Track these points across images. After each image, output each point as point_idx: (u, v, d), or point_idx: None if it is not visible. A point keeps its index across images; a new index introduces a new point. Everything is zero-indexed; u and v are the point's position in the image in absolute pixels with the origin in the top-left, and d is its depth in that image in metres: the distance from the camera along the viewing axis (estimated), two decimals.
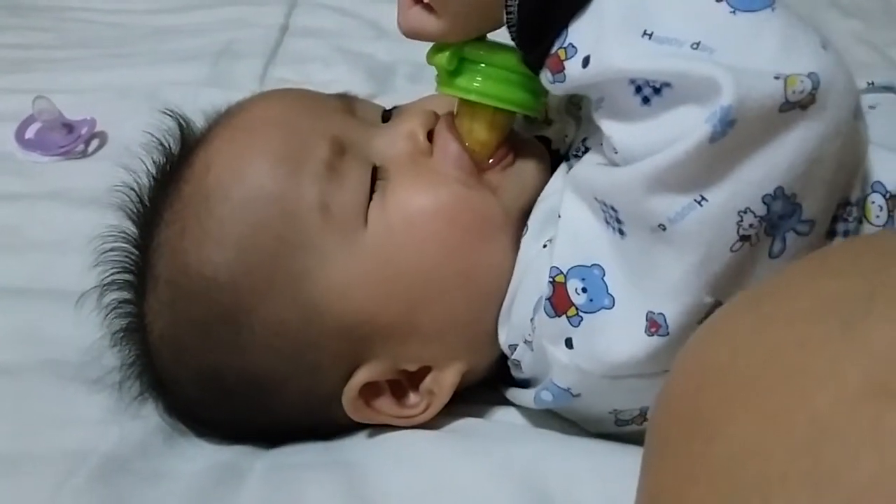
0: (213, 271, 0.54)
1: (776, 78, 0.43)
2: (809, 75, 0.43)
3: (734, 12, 0.45)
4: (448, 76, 0.55)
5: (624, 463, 0.48)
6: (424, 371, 0.58)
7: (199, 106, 0.96)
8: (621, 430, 0.56)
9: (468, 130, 0.57)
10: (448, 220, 0.56)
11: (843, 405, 0.29)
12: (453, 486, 0.53)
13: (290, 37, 1.17)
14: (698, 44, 0.45)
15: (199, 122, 0.65)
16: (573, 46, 0.48)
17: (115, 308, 0.60)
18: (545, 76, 0.51)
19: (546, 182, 0.58)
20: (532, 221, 0.57)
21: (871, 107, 0.58)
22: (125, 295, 0.60)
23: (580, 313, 0.50)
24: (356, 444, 0.58)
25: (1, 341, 0.65)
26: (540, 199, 0.57)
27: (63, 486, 0.53)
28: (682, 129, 0.43)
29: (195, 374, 0.57)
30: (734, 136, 0.43)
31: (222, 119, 0.61)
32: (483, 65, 0.55)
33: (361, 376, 0.56)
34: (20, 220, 0.80)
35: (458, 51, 0.54)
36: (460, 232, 0.56)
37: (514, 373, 0.59)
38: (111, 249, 0.60)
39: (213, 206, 0.55)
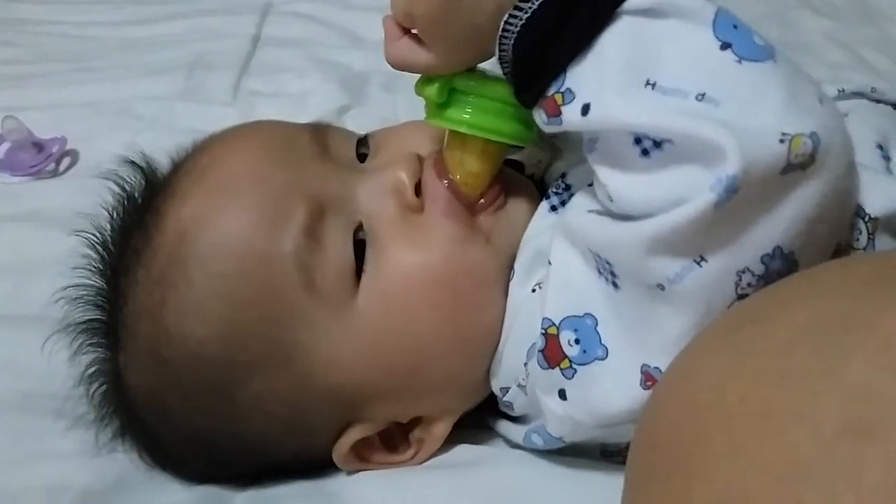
0: (199, 346, 0.53)
1: (781, 141, 0.42)
2: (811, 136, 0.42)
3: (740, 62, 0.44)
4: (437, 108, 0.54)
5: (606, 487, 0.48)
6: (415, 421, 0.57)
7: (174, 121, 0.96)
8: (607, 460, 0.56)
9: (458, 163, 0.55)
10: (445, 286, 0.54)
11: (820, 444, 0.29)
12: None
13: (263, 47, 1.16)
14: (703, 95, 0.43)
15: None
16: (571, 92, 0.46)
17: (90, 366, 0.58)
18: (539, 116, 0.49)
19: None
20: (518, 265, 0.55)
21: (844, 115, 0.58)
22: (98, 344, 0.58)
23: (574, 365, 0.49)
24: (339, 475, 0.58)
25: None
26: (524, 241, 0.56)
27: None
28: (684, 191, 0.43)
29: (180, 433, 0.55)
30: (737, 201, 0.42)
31: (192, 170, 0.57)
32: (473, 96, 0.53)
33: (353, 435, 0.55)
34: None
35: (447, 83, 0.53)
36: (458, 296, 0.54)
37: (504, 410, 0.58)
38: (80, 297, 0.58)
39: (193, 281, 0.53)
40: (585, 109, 0.45)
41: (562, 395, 0.50)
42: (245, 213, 0.53)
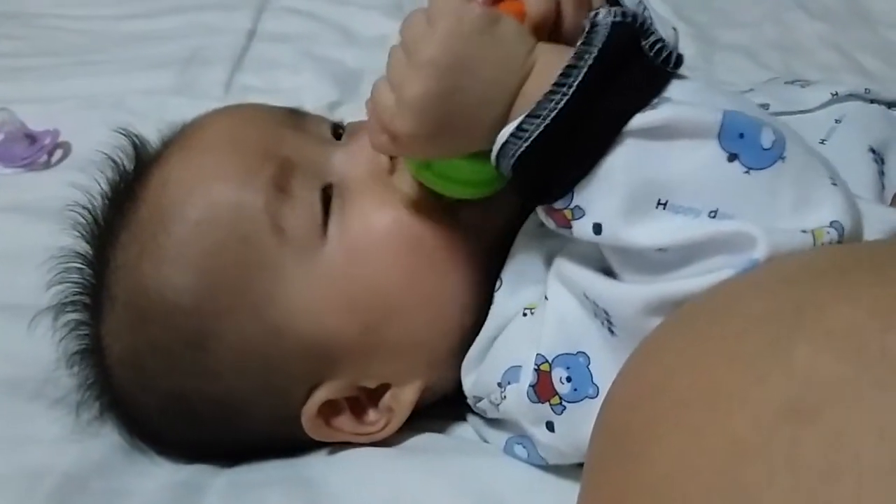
0: (174, 295, 0.54)
1: (804, 231, 0.43)
2: (832, 224, 0.43)
3: (748, 172, 0.44)
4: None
5: (578, 477, 0.48)
6: (384, 388, 0.58)
7: (165, 115, 0.96)
8: None
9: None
10: (408, 243, 0.55)
11: (762, 426, 0.29)
12: (412, 502, 0.54)
13: (258, 42, 1.17)
14: (716, 211, 0.44)
15: (165, 133, 0.64)
16: (580, 209, 0.46)
17: (71, 330, 0.59)
18: (547, 221, 0.49)
19: (513, 214, 0.57)
20: (506, 275, 0.56)
21: (837, 120, 0.59)
22: (81, 316, 0.59)
23: (564, 402, 0.50)
24: (317, 461, 0.58)
25: None
26: (513, 251, 0.56)
27: None
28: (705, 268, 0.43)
29: (157, 396, 0.56)
30: None
31: (176, 139, 0.61)
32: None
33: (321, 395, 0.56)
34: None
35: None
36: (420, 255, 0.55)
37: (476, 410, 0.58)
38: (66, 269, 0.59)
39: (169, 229, 0.55)
40: (597, 228, 0.46)
41: (549, 427, 0.51)
42: (220, 165, 0.56)
